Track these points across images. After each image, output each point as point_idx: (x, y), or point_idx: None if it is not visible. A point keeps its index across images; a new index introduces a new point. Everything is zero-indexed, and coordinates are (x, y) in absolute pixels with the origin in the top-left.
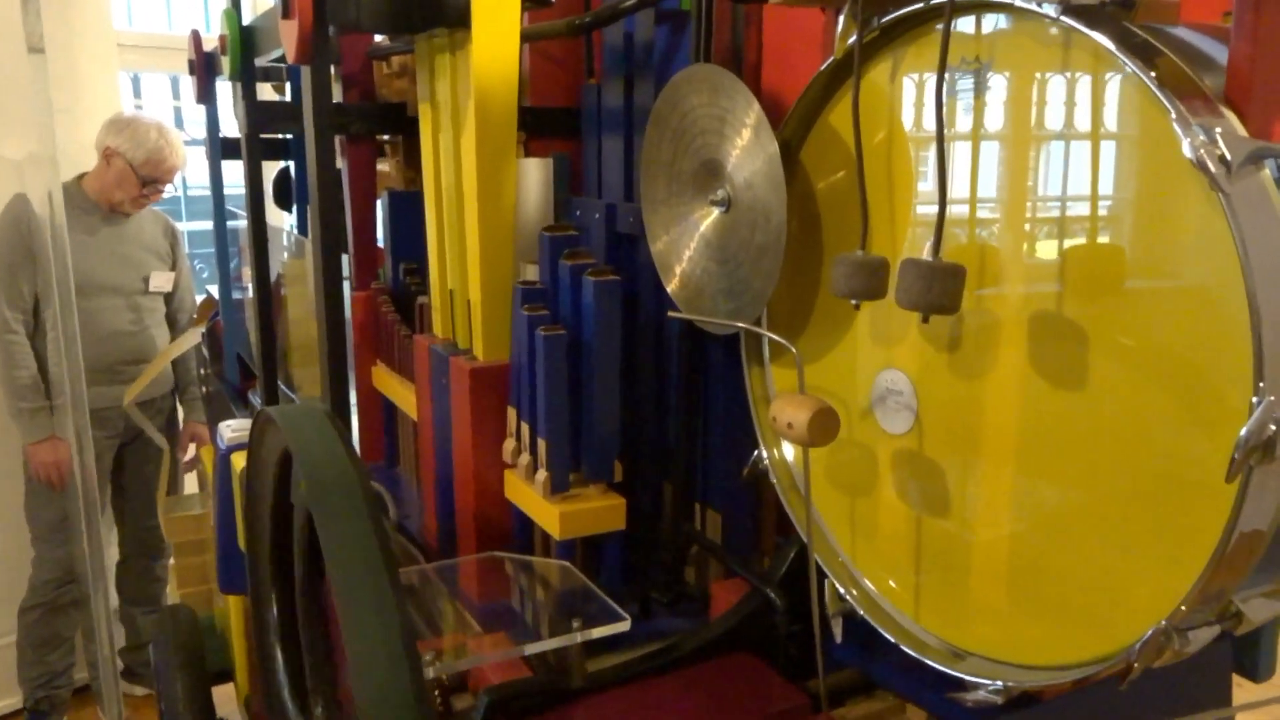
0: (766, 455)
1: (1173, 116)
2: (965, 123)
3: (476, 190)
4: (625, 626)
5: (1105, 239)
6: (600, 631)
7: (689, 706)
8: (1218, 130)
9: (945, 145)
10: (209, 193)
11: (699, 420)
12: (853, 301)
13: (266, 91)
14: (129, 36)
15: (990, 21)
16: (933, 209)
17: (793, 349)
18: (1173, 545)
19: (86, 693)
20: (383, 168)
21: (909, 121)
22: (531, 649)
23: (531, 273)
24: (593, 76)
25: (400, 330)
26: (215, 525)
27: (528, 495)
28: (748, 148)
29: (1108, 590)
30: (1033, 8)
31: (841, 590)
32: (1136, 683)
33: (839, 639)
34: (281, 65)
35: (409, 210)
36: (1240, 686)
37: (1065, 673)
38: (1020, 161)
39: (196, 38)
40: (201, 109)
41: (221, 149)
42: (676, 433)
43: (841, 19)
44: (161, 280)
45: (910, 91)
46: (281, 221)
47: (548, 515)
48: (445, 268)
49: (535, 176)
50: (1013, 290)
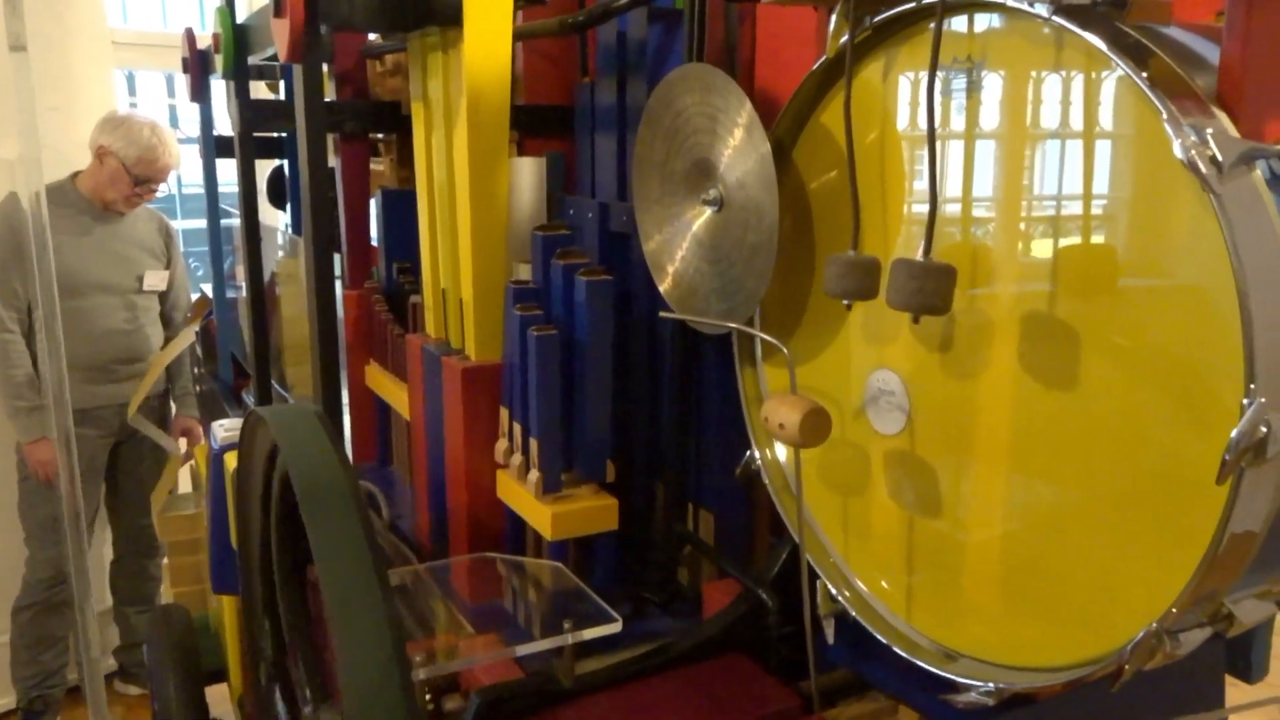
0: (759, 455)
1: (1164, 117)
2: (957, 122)
3: (469, 189)
4: (616, 628)
5: (1098, 239)
6: (591, 633)
7: (681, 707)
8: (1209, 131)
9: (937, 145)
10: (204, 191)
11: (692, 420)
12: (844, 302)
13: (261, 90)
14: (123, 34)
15: (982, 21)
16: (925, 208)
17: (784, 349)
18: (1165, 546)
19: (77, 693)
20: (377, 166)
21: (901, 121)
22: (523, 650)
23: (524, 272)
24: (587, 75)
25: (393, 329)
26: (208, 525)
27: (520, 495)
28: (740, 147)
29: (1100, 592)
30: (1025, 7)
31: (833, 591)
32: (1129, 684)
33: (830, 640)
34: (275, 63)
35: (403, 209)
36: (1236, 687)
37: (1057, 674)
38: (1012, 161)
39: (190, 35)
40: (196, 107)
41: (216, 147)
42: (669, 433)
43: (834, 18)
44: (156, 279)
45: (902, 91)
46: (276, 221)
47: (540, 516)
48: (438, 267)
49: (528, 175)
50: (1005, 290)
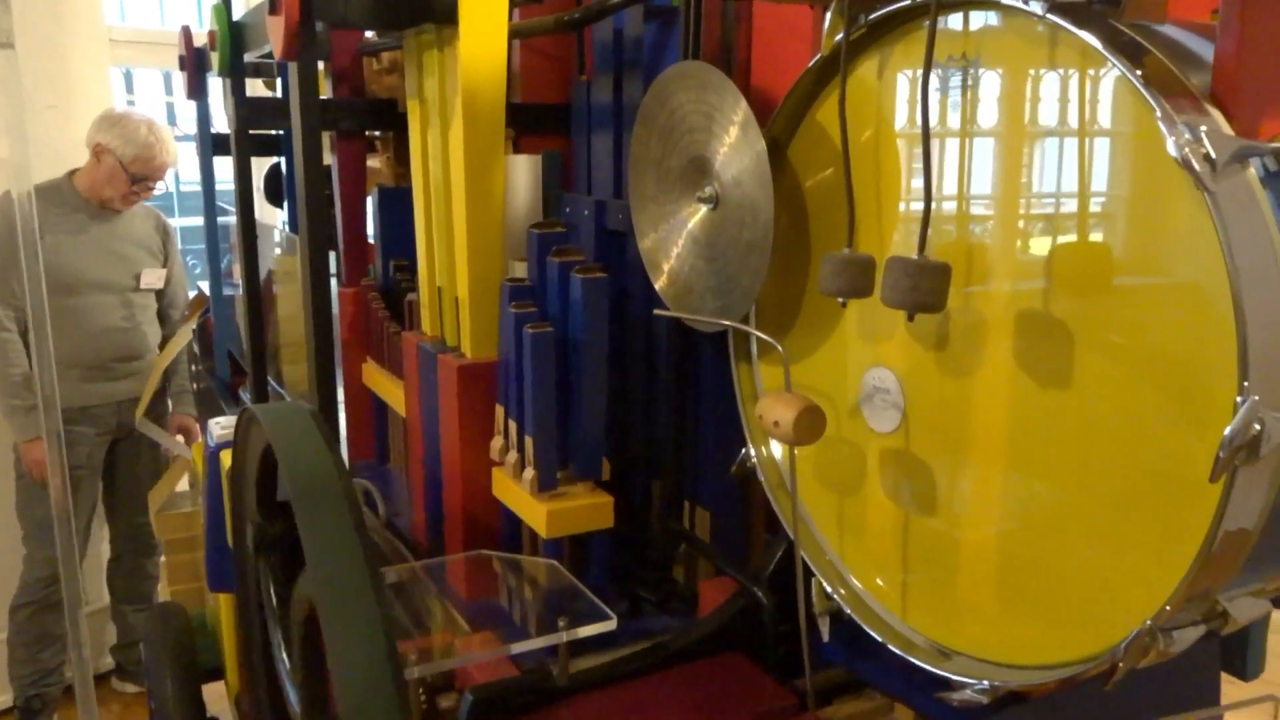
0: (754, 453)
1: (1158, 115)
2: (953, 120)
3: (464, 187)
4: (611, 625)
5: (1093, 237)
6: (586, 631)
7: (676, 706)
8: (1203, 128)
9: (931, 142)
10: (201, 189)
11: (688, 418)
12: (839, 299)
13: (259, 88)
14: (121, 32)
15: (978, 18)
16: (921, 206)
17: (779, 347)
18: (1160, 544)
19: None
20: (373, 164)
21: (897, 119)
22: (517, 648)
23: (520, 270)
24: (584, 73)
25: (389, 327)
26: (205, 522)
27: (515, 493)
28: (735, 145)
29: (1095, 589)
30: (1019, 5)
31: (829, 589)
32: (1125, 682)
33: (826, 637)
34: (272, 61)
35: (399, 207)
36: (1234, 684)
37: (1051, 672)
38: (1008, 159)
39: (187, 33)
40: (193, 105)
41: (213, 145)
42: (665, 431)
43: (829, 15)
44: (153, 277)
45: (898, 88)
46: (274, 219)
47: (535, 513)
48: (434, 264)
49: (524, 173)
50: (1000, 288)
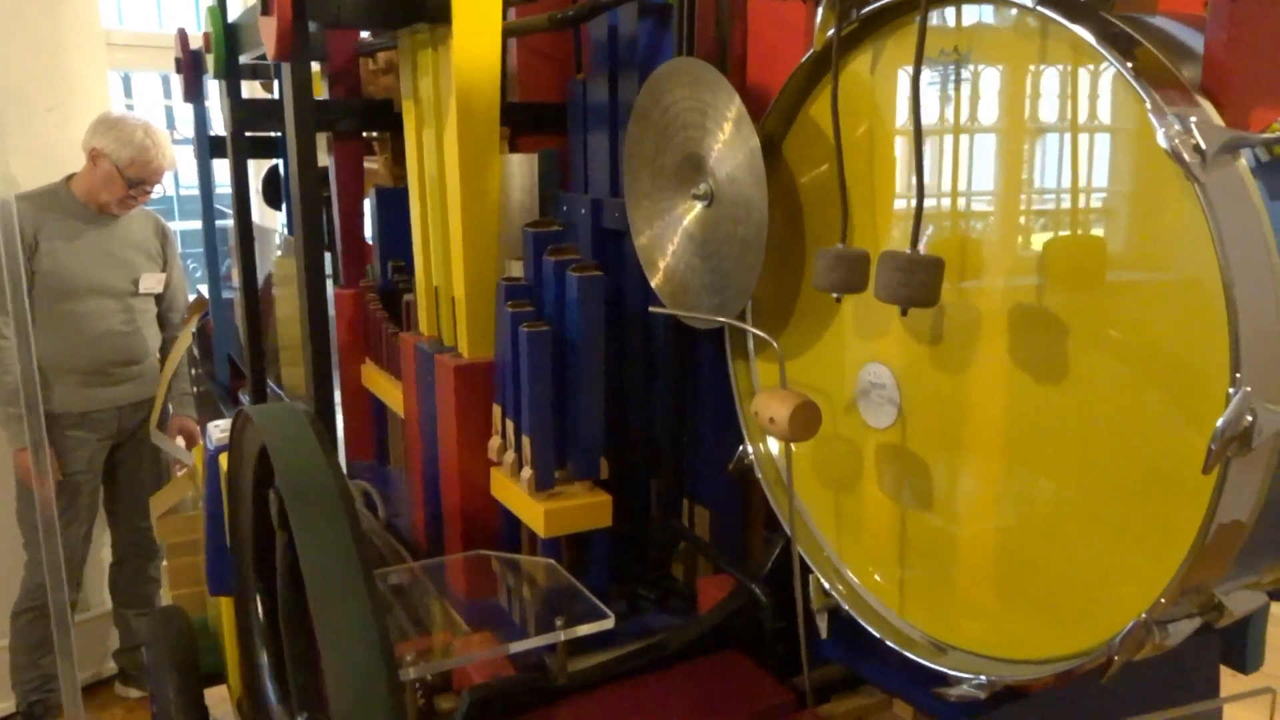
0: (752, 450)
1: (1148, 106)
2: (945, 114)
3: (459, 186)
4: (609, 624)
5: (1088, 231)
6: (584, 630)
7: (675, 704)
8: (1193, 119)
9: (923, 137)
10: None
11: (687, 416)
12: (834, 295)
13: (257, 91)
14: (119, 35)
15: (969, 13)
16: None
17: (773, 343)
18: (1155, 538)
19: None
20: (371, 165)
21: (889, 113)
22: (514, 648)
23: (517, 269)
24: (581, 72)
25: (388, 328)
26: (205, 525)
27: (513, 493)
28: (729, 142)
29: (1091, 584)
30: None
31: (826, 585)
32: (1125, 675)
33: (824, 634)
34: (268, 62)
35: (397, 207)
36: (1235, 678)
37: (1048, 666)
38: (1001, 153)
39: (183, 35)
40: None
41: (210, 147)
42: (664, 429)
43: (820, 10)
44: (152, 281)
45: (890, 83)
46: (274, 222)
47: (533, 513)
48: (430, 265)
49: (520, 172)
50: (995, 283)
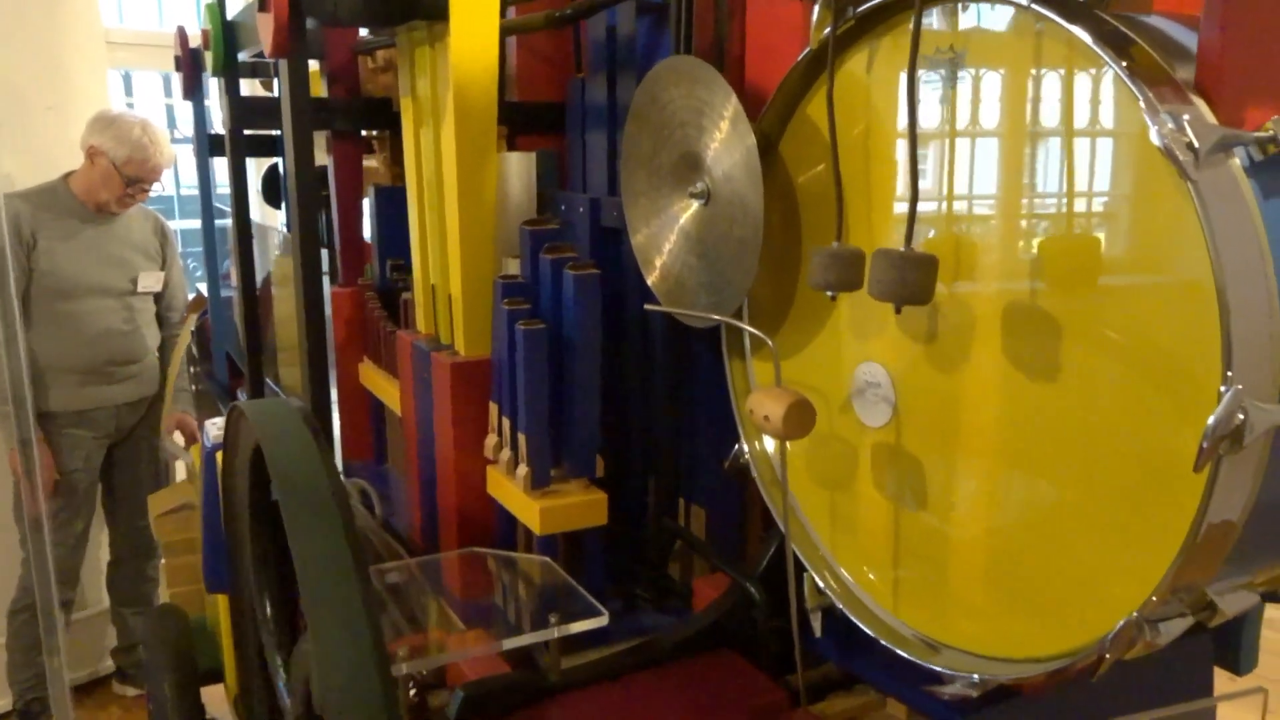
0: (747, 449)
1: (1141, 104)
2: (941, 113)
3: (456, 184)
4: (603, 621)
5: (1082, 230)
6: (578, 626)
7: (668, 702)
8: (1186, 117)
9: (919, 136)
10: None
11: (683, 415)
12: (828, 293)
13: (257, 89)
14: (119, 34)
15: (965, 11)
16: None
17: (769, 342)
18: (1148, 537)
19: (76, 694)
20: (370, 164)
21: (886, 112)
22: (508, 644)
23: (514, 267)
24: (580, 71)
25: (385, 326)
26: (202, 523)
27: (509, 491)
28: (726, 140)
29: (1084, 582)
30: None
31: (820, 584)
32: (1118, 675)
33: (818, 633)
34: (268, 60)
35: (396, 206)
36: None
37: (1040, 665)
38: (996, 152)
39: (182, 33)
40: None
41: (210, 146)
42: (660, 428)
43: (817, 9)
44: (151, 280)
45: (886, 82)
46: (275, 221)
47: (528, 511)
48: (427, 263)
49: (517, 170)
50: (989, 282)
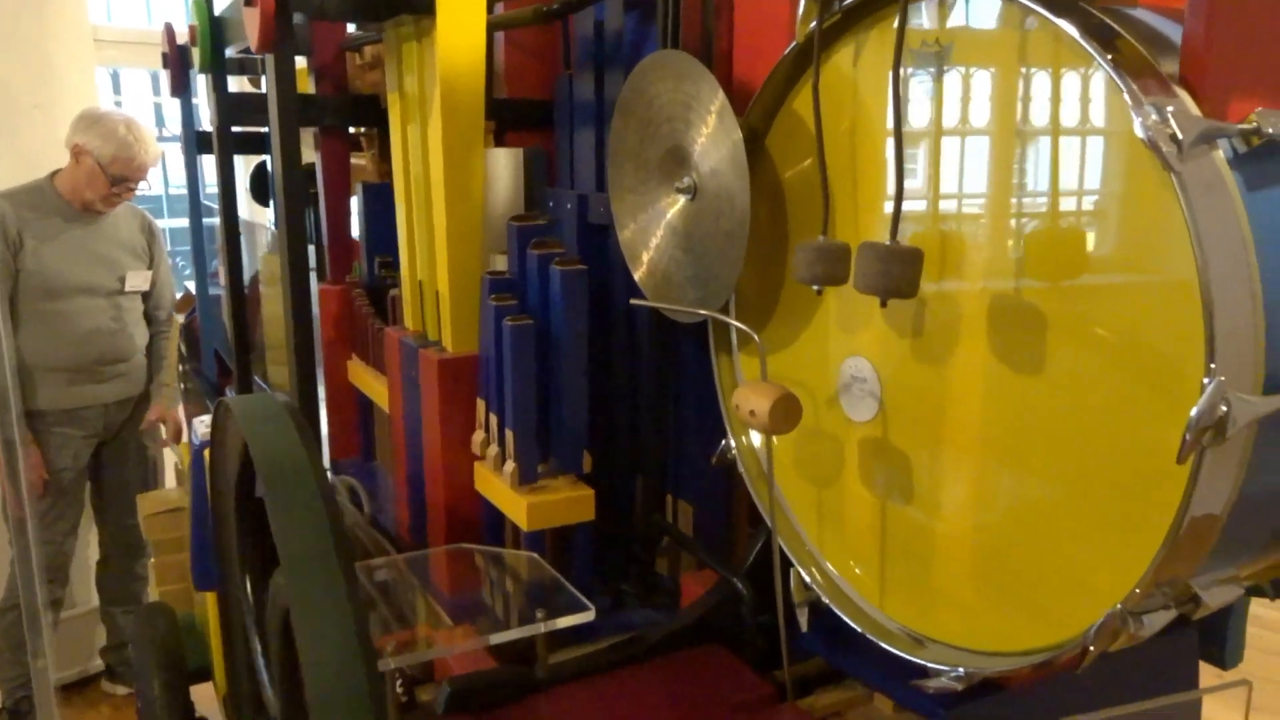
0: (734, 444)
1: (1125, 96)
2: (927, 106)
3: (444, 180)
4: (590, 617)
5: (1068, 223)
6: (565, 621)
7: (653, 697)
8: (1169, 109)
9: (904, 130)
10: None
11: (670, 411)
12: (814, 287)
13: (245, 86)
14: (107, 31)
15: (950, 4)
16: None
17: (755, 336)
18: (1133, 531)
19: (66, 693)
20: (359, 161)
21: (872, 106)
22: (494, 639)
23: (502, 263)
24: (569, 68)
25: (373, 323)
26: (190, 521)
27: (496, 487)
28: (713, 135)
29: (1068, 576)
30: None
31: (807, 579)
32: (1103, 669)
33: (805, 628)
34: (256, 57)
35: (384, 203)
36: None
37: (1025, 659)
38: (982, 146)
39: (170, 30)
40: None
41: (198, 144)
42: (647, 424)
43: (803, 3)
44: (138, 279)
45: (872, 76)
46: (264, 218)
47: (515, 506)
48: (415, 259)
49: (505, 167)
50: (975, 277)
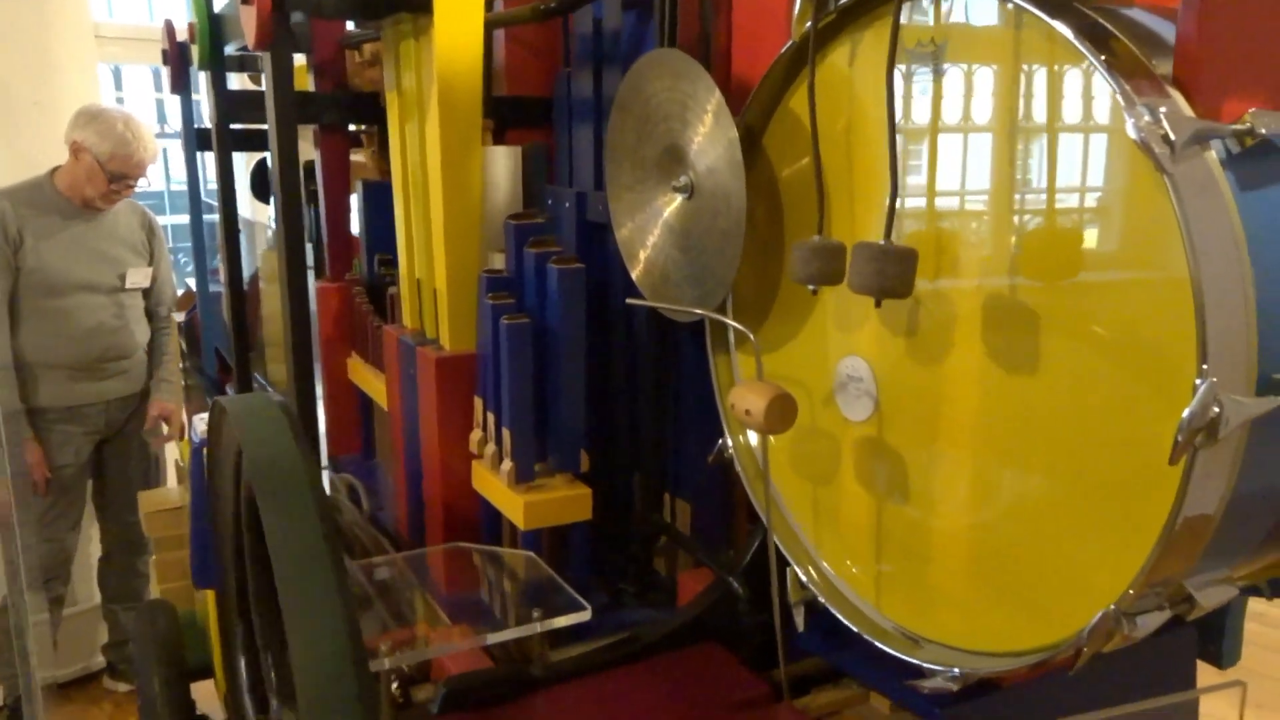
0: (731, 443)
1: (1118, 97)
2: (922, 106)
3: (441, 178)
4: (586, 616)
5: (1063, 223)
6: (561, 621)
7: (649, 696)
8: (1162, 110)
9: (899, 129)
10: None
11: (668, 410)
12: (810, 287)
13: (246, 84)
14: (109, 28)
15: (946, 4)
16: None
17: (750, 335)
18: (1126, 530)
19: (67, 690)
20: (358, 158)
21: (868, 105)
22: (491, 639)
23: (500, 261)
24: (568, 66)
25: (372, 321)
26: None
27: (494, 486)
28: (709, 134)
29: (1063, 576)
30: None
31: (803, 578)
32: (1099, 668)
33: (801, 627)
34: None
35: (384, 201)
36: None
37: (1020, 659)
38: (977, 145)
39: (170, 27)
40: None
41: (198, 141)
42: (645, 423)
43: (799, 2)
44: (138, 276)
45: (868, 75)
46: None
47: (513, 505)
48: (413, 257)
49: (503, 165)
50: (970, 276)
